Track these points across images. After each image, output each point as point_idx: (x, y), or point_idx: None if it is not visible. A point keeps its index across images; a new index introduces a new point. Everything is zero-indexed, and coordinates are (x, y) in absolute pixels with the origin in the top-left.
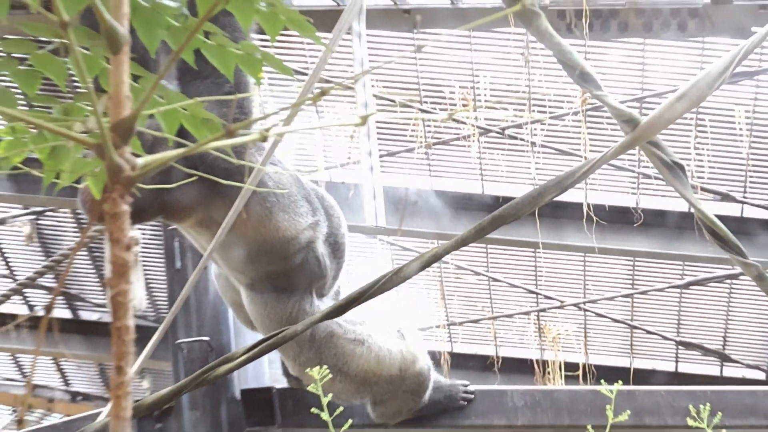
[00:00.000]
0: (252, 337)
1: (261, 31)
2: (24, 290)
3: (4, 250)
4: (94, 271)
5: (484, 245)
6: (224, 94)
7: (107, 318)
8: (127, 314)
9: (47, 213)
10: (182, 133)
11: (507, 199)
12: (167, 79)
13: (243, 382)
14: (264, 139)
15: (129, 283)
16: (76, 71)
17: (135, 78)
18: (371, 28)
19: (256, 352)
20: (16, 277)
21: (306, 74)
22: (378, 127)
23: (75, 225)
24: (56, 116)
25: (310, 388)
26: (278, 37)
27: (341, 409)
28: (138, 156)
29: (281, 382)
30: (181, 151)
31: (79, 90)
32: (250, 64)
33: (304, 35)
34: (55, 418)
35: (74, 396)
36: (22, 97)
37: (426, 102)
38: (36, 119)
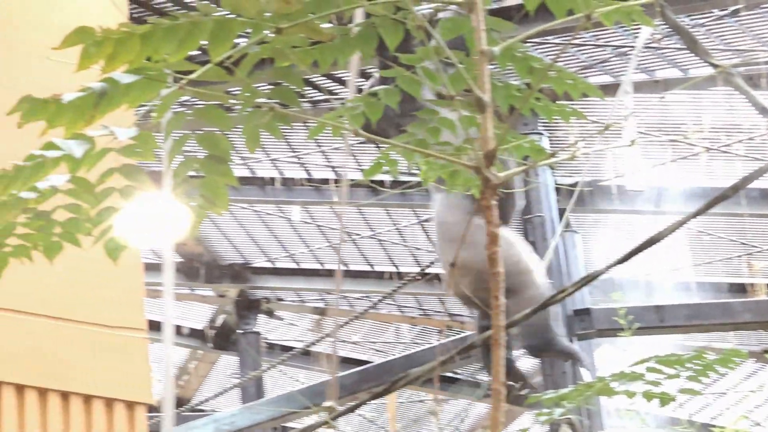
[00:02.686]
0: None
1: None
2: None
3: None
4: None
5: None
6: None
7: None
8: (498, 264)
9: None
10: None
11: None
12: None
13: (571, 305)
14: (573, 157)
15: (499, 246)
16: (462, 125)
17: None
18: (635, 92)
19: (574, 288)
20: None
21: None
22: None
23: None
24: (452, 152)
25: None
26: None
27: (632, 317)
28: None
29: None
30: (522, 168)
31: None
32: (563, 113)
33: (595, 96)
34: (464, 333)
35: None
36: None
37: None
38: (441, 154)
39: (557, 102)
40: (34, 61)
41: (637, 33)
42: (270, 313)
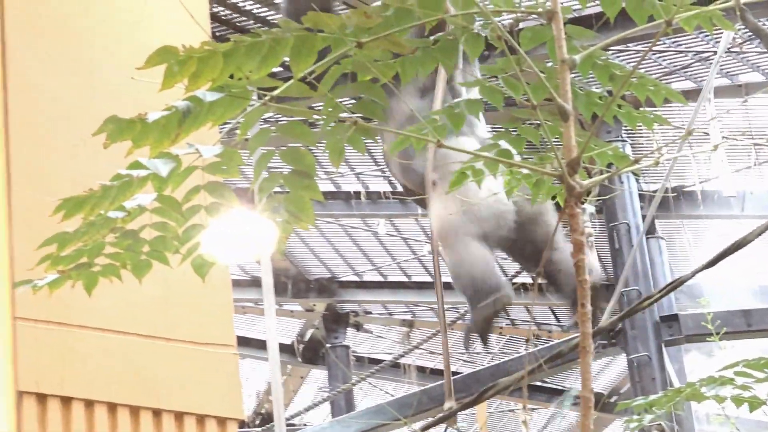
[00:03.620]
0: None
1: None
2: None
3: None
4: None
5: None
6: None
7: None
8: (585, 272)
9: None
10: None
11: None
12: None
13: (659, 312)
14: (656, 163)
15: (584, 254)
16: (545, 134)
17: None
18: (717, 97)
19: (660, 294)
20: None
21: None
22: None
23: None
24: (536, 162)
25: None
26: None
27: (719, 322)
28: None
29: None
30: (605, 176)
31: (547, 145)
32: (645, 120)
33: (677, 101)
34: (551, 342)
35: (562, 328)
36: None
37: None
38: (524, 164)
39: (640, 109)
40: (119, 81)
41: (719, 38)
42: (358, 327)
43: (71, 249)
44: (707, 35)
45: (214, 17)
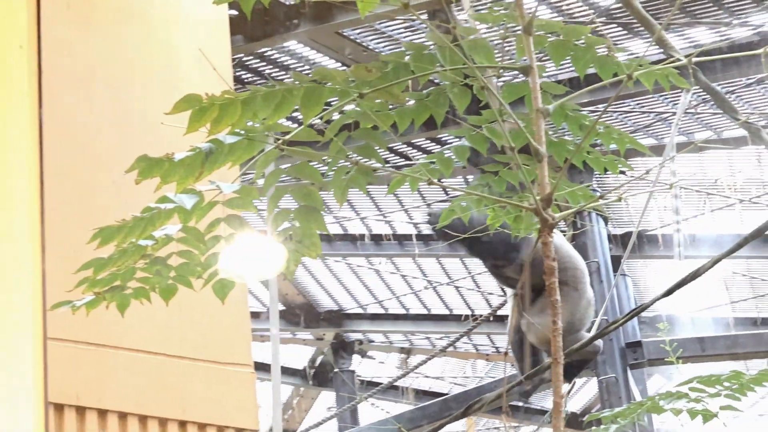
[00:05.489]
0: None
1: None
2: None
3: None
4: None
5: None
6: None
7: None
8: (556, 293)
9: None
10: None
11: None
12: None
13: (624, 338)
14: (619, 199)
15: (555, 277)
16: (523, 177)
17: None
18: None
19: (624, 320)
20: None
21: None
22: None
23: None
24: (515, 199)
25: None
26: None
27: (675, 345)
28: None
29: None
30: (574, 210)
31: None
32: (611, 165)
33: (639, 149)
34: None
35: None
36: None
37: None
38: (505, 201)
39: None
40: (150, 124)
41: (677, 101)
42: (363, 353)
43: (106, 273)
44: (667, 98)
45: (238, 80)
